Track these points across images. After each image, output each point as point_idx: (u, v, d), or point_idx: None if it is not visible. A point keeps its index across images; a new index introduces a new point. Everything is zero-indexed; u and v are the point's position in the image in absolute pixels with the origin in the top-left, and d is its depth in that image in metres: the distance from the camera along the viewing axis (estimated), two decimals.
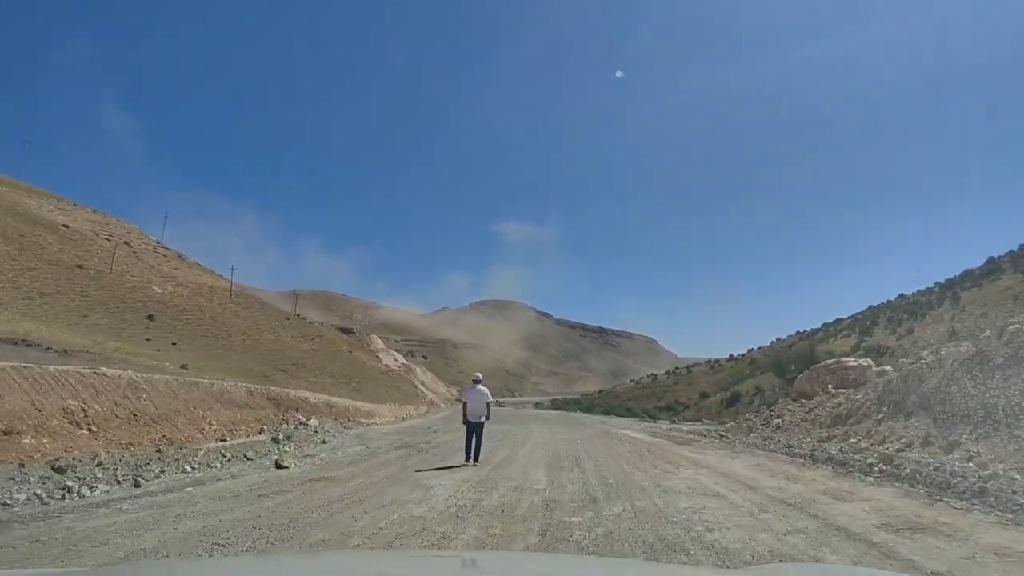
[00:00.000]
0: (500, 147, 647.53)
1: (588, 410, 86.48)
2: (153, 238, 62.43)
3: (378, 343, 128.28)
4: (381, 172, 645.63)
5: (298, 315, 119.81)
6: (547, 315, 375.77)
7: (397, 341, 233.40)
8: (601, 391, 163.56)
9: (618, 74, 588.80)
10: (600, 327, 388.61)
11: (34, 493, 7.85)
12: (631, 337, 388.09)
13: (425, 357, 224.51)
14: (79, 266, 36.24)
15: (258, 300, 57.08)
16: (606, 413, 60.10)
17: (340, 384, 34.86)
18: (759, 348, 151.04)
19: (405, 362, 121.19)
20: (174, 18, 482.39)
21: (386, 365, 63.46)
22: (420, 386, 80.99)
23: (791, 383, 29.36)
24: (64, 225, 45.52)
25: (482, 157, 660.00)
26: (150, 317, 31.80)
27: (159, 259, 52.22)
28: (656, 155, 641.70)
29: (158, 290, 40.24)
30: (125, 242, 51.30)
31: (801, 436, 15.81)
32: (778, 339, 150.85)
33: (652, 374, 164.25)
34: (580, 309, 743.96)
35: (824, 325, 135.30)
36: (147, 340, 26.97)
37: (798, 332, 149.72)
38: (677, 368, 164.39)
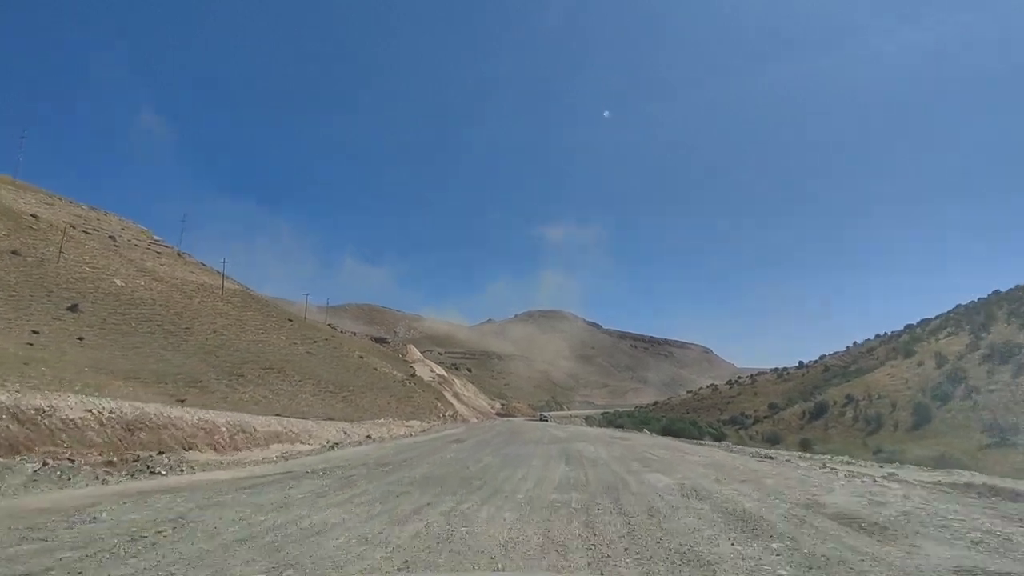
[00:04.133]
0: (542, 151, 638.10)
1: (645, 424, 76.16)
2: (158, 238, 56.99)
3: (414, 354, 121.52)
4: (419, 182, 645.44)
5: (330, 325, 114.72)
6: (596, 325, 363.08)
7: (440, 354, 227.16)
8: (656, 403, 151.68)
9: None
10: (651, 336, 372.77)
11: None
12: (684, 346, 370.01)
13: (469, 370, 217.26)
14: (14, 252, 29.94)
15: (259, 301, 50.37)
16: (669, 432, 49.99)
17: (323, 393, 26.90)
18: (833, 354, 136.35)
19: (442, 374, 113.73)
20: (211, 32, 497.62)
21: (406, 375, 55.54)
22: (452, 399, 73.11)
23: None
24: (32, 215, 39.92)
25: (525, 162, 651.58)
26: (72, 308, 24.78)
27: (148, 255, 46.24)
28: (706, 157, 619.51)
29: (119, 283, 33.70)
30: (110, 236, 45.70)
31: None
32: (855, 343, 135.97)
33: (712, 384, 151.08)
34: (630, 318, 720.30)
35: (907, 327, 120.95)
36: (34, 332, 19.63)
37: (878, 335, 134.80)
38: (739, 377, 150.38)
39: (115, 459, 9.33)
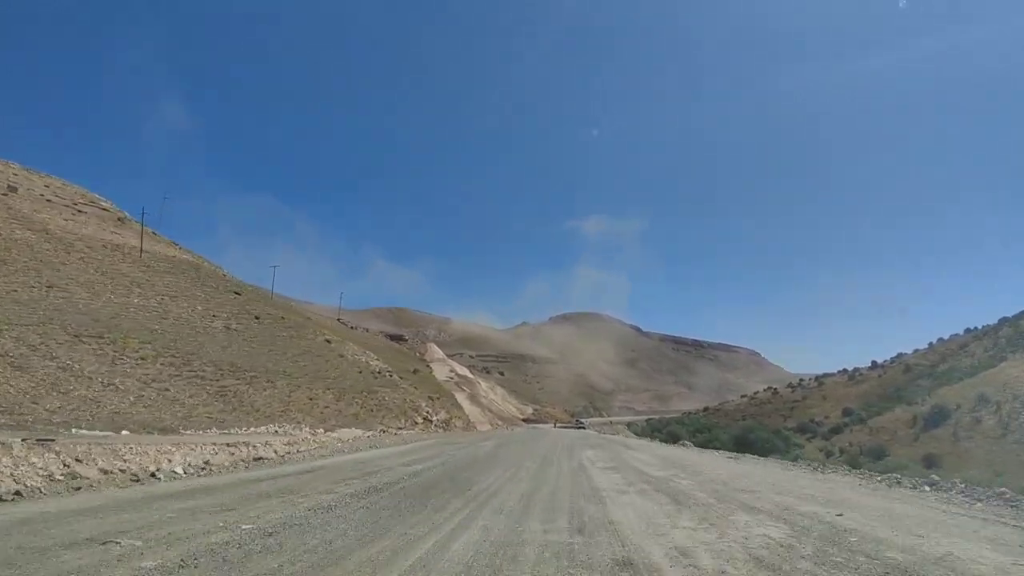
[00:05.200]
0: (574, 146, 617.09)
1: (700, 432, 62.50)
2: (109, 203, 47.11)
3: (435, 353, 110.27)
4: (445, 182, 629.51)
5: (339, 319, 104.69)
6: (635, 328, 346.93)
7: (471, 356, 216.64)
8: (707, 409, 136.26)
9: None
10: (695, 339, 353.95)
11: None
12: (731, 349, 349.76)
13: (502, 373, 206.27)
14: None
15: (201, 270, 39.37)
16: (744, 445, 36.69)
17: (179, 379, 15.74)
18: (914, 352, 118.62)
19: (465, 375, 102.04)
20: (235, 25, 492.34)
21: (391, 369, 43.93)
22: (465, 400, 61.44)
23: None
24: None
25: (556, 157, 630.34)
26: None
27: (55, 210, 36.19)
28: (747, 153, 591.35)
29: None
30: (10, 186, 35.93)
31: None
32: (940, 339, 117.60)
33: (771, 388, 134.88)
34: (672, 320, 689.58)
35: (1003, 320, 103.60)
36: None
37: (968, 330, 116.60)
38: (802, 380, 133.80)
39: None
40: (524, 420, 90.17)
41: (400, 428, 26.57)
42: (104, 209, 43.34)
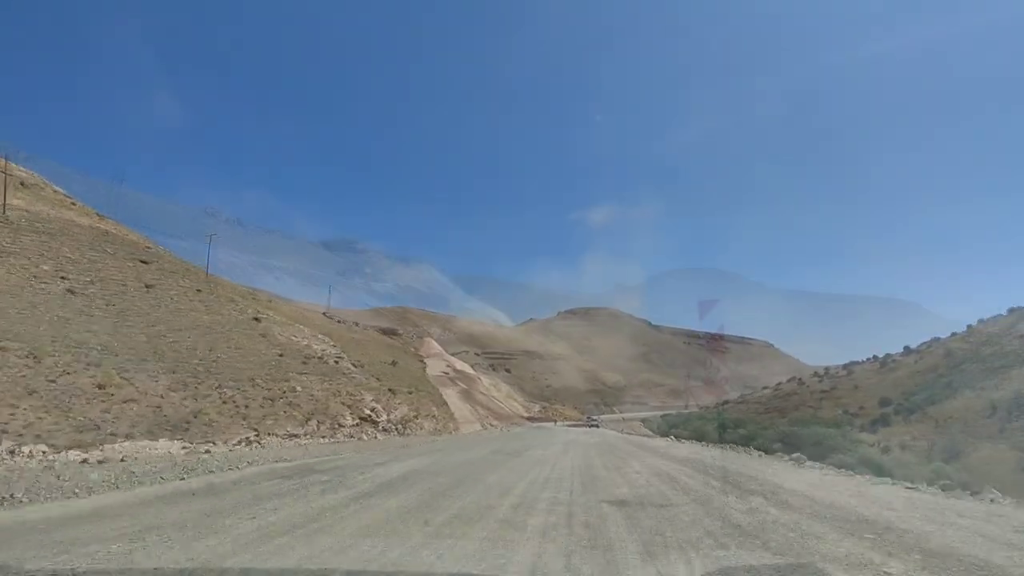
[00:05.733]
0: (579, 139, 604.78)
1: (728, 428, 54.14)
2: (26, 171, 39.58)
3: (432, 348, 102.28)
4: (449, 181, 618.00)
5: (324, 313, 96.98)
6: (646, 322, 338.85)
7: (477, 354, 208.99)
8: (727, 402, 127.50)
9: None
10: (708, 332, 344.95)
11: None
12: (744, 341, 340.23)
13: (508, 371, 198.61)
14: None
15: (109, 238, 31.24)
16: (791, 442, 28.39)
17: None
18: (953, 335, 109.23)
19: (465, 371, 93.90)
20: (236, 24, 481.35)
21: (311, 352, 35.87)
22: (455, 396, 53.47)
23: None
24: None
25: (561, 150, 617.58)
26: None
27: None
28: (758, 142, 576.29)
29: None
30: None
31: None
32: (980, 321, 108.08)
33: (795, 378, 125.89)
34: (681, 313, 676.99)
35: None
36: None
37: (1012, 309, 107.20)
38: (828, 369, 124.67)
39: None
40: (529, 418, 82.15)
41: (297, 434, 17.92)
42: (4, 173, 35.52)
